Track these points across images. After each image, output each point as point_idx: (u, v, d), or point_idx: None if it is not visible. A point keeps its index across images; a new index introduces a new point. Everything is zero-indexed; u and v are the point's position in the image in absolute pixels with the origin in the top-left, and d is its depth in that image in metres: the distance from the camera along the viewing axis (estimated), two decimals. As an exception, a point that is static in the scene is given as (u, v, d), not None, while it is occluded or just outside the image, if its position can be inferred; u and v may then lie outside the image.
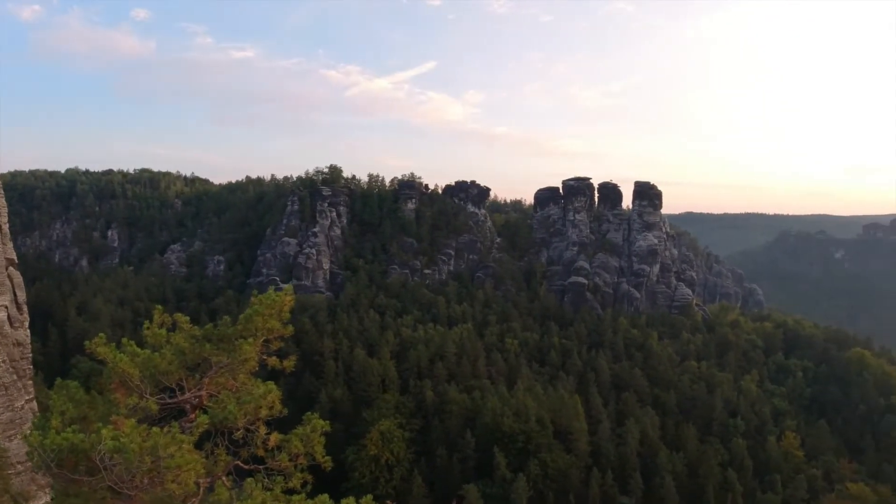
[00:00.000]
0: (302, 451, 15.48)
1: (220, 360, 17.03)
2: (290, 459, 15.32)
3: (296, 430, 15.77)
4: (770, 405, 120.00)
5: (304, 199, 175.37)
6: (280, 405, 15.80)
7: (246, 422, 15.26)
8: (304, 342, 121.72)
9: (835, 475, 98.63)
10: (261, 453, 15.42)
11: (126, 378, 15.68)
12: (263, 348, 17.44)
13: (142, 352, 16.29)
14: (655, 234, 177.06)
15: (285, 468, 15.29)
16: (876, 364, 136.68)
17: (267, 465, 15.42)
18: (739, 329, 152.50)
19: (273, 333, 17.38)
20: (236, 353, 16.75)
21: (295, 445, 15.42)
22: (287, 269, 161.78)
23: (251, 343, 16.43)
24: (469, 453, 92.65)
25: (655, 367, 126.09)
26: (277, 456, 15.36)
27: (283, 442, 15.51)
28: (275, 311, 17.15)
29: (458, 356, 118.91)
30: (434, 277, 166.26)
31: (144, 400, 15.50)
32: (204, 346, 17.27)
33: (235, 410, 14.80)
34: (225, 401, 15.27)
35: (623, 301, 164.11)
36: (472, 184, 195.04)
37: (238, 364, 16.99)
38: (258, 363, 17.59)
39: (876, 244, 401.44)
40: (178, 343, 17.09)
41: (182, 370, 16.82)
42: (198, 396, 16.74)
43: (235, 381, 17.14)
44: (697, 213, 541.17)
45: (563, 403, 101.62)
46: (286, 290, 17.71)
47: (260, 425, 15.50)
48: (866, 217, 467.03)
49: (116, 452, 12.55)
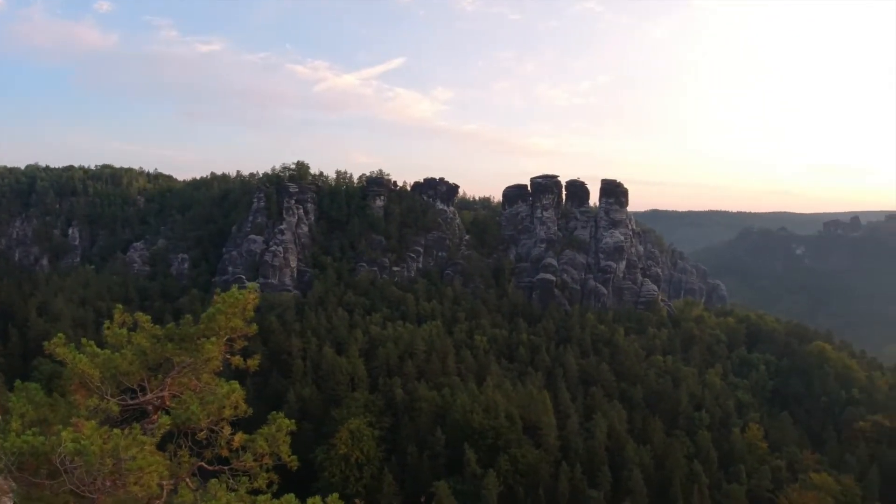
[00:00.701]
0: (267, 451, 15.33)
1: (182, 359, 16.74)
2: (256, 459, 15.17)
3: (261, 429, 15.61)
4: (734, 398, 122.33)
5: (271, 196, 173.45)
6: (245, 405, 15.58)
7: (209, 422, 15.08)
8: (271, 341, 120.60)
9: (798, 466, 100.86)
10: (225, 454, 15.27)
11: (86, 379, 15.39)
12: (227, 347, 17.14)
13: (102, 352, 15.99)
14: (622, 231, 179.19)
15: (250, 468, 15.14)
16: (836, 357, 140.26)
17: (232, 466, 15.25)
18: (703, 324, 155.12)
19: (236, 332, 17.08)
20: (199, 353, 16.47)
21: (260, 445, 15.26)
22: (253, 267, 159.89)
23: (214, 342, 16.14)
24: (439, 450, 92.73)
25: (622, 361, 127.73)
26: (242, 456, 15.20)
27: (248, 442, 15.35)
28: (238, 310, 16.86)
29: (427, 354, 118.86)
30: (403, 275, 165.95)
31: (105, 401, 15.14)
32: (166, 346, 16.98)
33: (198, 411, 14.61)
34: (188, 401, 15.03)
35: (590, 297, 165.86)
36: (441, 181, 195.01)
37: (201, 364, 16.72)
38: (222, 363, 17.32)
39: (836, 241, 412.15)
40: (139, 343, 16.79)
41: (144, 370, 16.54)
42: (160, 397, 16.44)
43: (199, 381, 16.86)
44: (663, 210, 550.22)
45: (532, 399, 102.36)
46: (250, 287, 17.44)
47: (224, 425, 15.34)
48: (826, 214, 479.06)
49: (77, 455, 12.30)
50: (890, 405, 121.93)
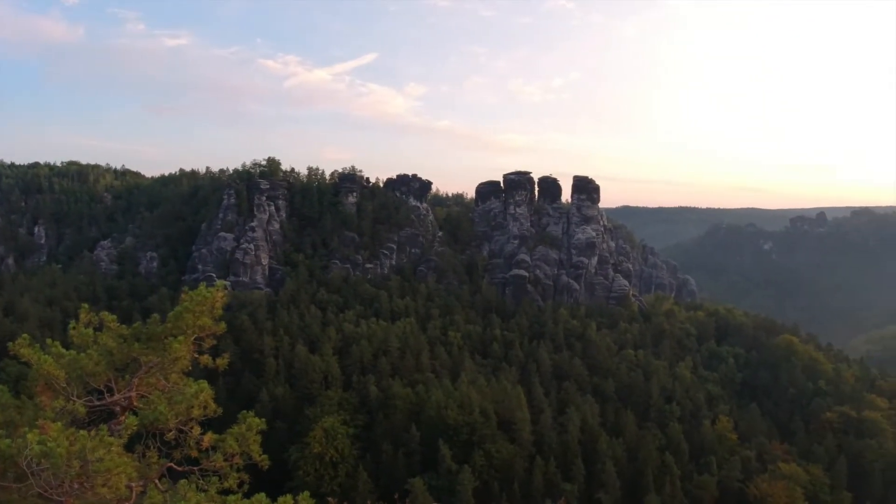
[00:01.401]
0: (238, 451, 15.14)
1: (149, 359, 16.46)
2: (226, 459, 14.96)
3: (231, 429, 15.44)
4: (704, 391, 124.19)
5: (241, 193, 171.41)
6: (214, 404, 15.38)
7: (178, 422, 14.89)
8: (242, 340, 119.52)
9: (767, 456, 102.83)
10: (195, 454, 15.09)
11: (51, 380, 15.12)
12: (196, 346, 16.92)
13: (67, 353, 15.71)
14: (593, 227, 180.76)
15: (220, 468, 14.92)
16: (803, 350, 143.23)
17: (202, 466, 15.05)
18: (674, 318, 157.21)
19: (205, 331, 16.83)
20: (166, 352, 16.23)
21: (230, 445, 15.08)
22: (224, 265, 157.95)
23: (181, 341, 15.90)
24: (414, 447, 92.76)
25: (594, 356, 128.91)
26: (212, 456, 14.98)
27: (218, 442, 15.15)
28: (206, 308, 16.60)
29: (401, 350, 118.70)
30: (376, 272, 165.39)
31: (71, 403, 14.85)
32: (132, 346, 16.70)
33: (166, 411, 14.41)
34: (155, 401, 14.83)
35: (563, 293, 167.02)
36: (414, 177, 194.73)
37: (169, 363, 16.49)
38: (191, 362, 17.11)
39: (802, 236, 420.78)
40: (105, 343, 16.49)
41: (110, 371, 16.24)
42: (127, 398, 16.16)
43: (167, 381, 16.65)
44: (634, 206, 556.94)
45: (506, 394, 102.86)
46: (218, 285, 17.19)
47: (193, 425, 15.14)
48: (793, 211, 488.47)
49: (43, 457, 12.00)
50: (856, 396, 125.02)
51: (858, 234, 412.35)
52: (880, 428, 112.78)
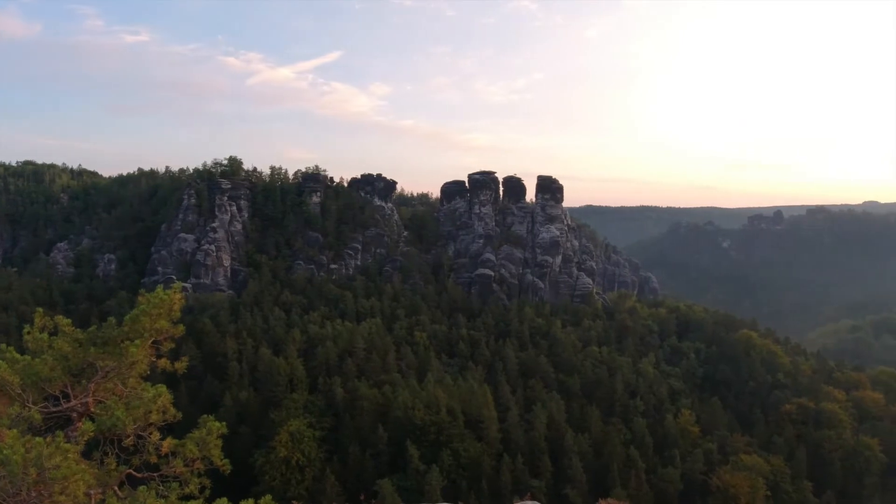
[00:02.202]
0: (198, 456, 14.91)
1: (106, 364, 16.21)
2: (186, 465, 14.74)
3: (191, 433, 15.14)
4: (666, 385, 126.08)
5: (202, 193, 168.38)
6: (173, 409, 15.15)
7: (136, 428, 14.71)
8: (205, 343, 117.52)
9: (729, 448, 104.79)
10: (154, 460, 14.90)
11: (6, 386, 14.86)
12: (154, 350, 16.56)
13: (21, 358, 15.37)
14: (557, 226, 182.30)
15: (181, 474, 14.69)
16: (762, 344, 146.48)
17: (161, 472, 14.86)
18: (636, 315, 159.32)
19: (162, 334, 16.51)
20: (123, 357, 15.87)
21: (190, 450, 14.81)
22: (185, 267, 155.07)
23: (138, 345, 15.56)
24: (382, 448, 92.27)
25: (560, 353, 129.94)
26: (172, 462, 14.76)
27: (178, 447, 14.87)
28: (163, 311, 16.28)
29: (367, 351, 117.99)
30: (341, 272, 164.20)
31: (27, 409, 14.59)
32: (88, 350, 16.39)
33: (124, 416, 14.24)
34: (113, 407, 14.63)
35: (528, 291, 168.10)
36: (379, 177, 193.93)
37: (126, 368, 16.14)
38: (149, 366, 16.77)
39: (759, 234, 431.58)
40: (60, 348, 16.14)
41: (66, 376, 15.93)
42: (84, 403, 15.87)
43: (124, 386, 16.32)
44: (596, 206, 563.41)
45: (473, 393, 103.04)
46: (175, 287, 16.84)
47: (152, 431, 14.95)
48: (751, 209, 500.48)
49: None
50: (813, 388, 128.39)
51: (814, 231, 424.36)
52: (838, 419, 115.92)
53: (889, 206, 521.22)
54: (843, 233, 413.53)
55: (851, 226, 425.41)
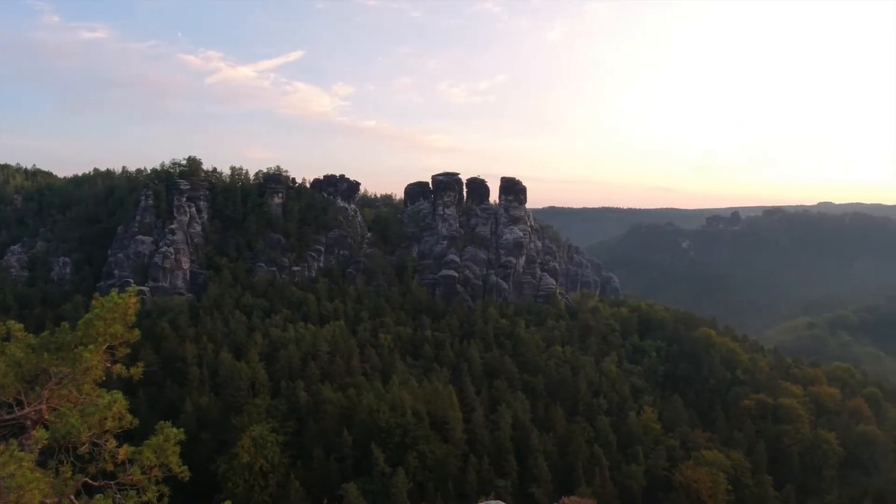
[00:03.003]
0: (155, 463, 14.54)
1: (60, 370, 15.77)
2: (144, 472, 14.37)
3: (148, 440, 14.74)
4: (629, 383, 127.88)
5: (160, 194, 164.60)
6: (130, 416, 14.73)
7: (91, 435, 14.31)
8: (163, 348, 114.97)
9: (691, 444, 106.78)
10: (110, 468, 14.53)
11: None
12: (109, 355, 16.06)
13: (-27, 365, 14.79)
14: (521, 227, 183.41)
15: (138, 482, 14.33)
16: (721, 342, 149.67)
17: (119, 481, 14.50)
18: (599, 314, 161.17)
19: (117, 339, 16.04)
20: (78, 363, 15.36)
21: (147, 457, 14.44)
22: (142, 270, 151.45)
23: (92, 350, 15.09)
24: (347, 452, 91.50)
25: (524, 353, 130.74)
26: (129, 469, 14.40)
27: (135, 454, 14.48)
28: (118, 315, 15.82)
29: (331, 354, 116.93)
30: (303, 274, 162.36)
31: (-21, 417, 14.08)
32: (42, 356, 15.92)
33: (78, 424, 13.83)
34: (67, 414, 14.21)
35: (492, 292, 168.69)
36: (342, 178, 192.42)
37: (80, 374, 15.65)
38: (104, 372, 16.27)
39: (717, 234, 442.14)
40: (13, 353, 15.72)
41: (19, 383, 15.48)
42: (38, 410, 15.41)
43: (79, 392, 15.84)
44: (559, 207, 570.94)
45: (438, 394, 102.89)
46: (129, 291, 16.35)
47: (108, 438, 14.57)
48: (709, 210, 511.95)
49: (-49, 475, 11.46)
50: (771, 384, 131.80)
51: (770, 231, 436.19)
52: (796, 413, 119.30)
53: (843, 206, 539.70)
54: (798, 233, 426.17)
55: (807, 226, 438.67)
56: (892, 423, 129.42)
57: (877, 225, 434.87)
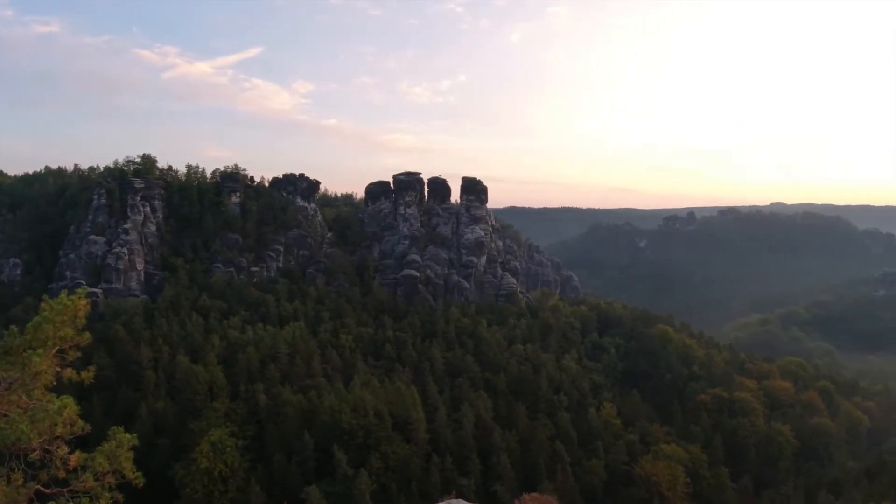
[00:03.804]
0: (109, 469, 14.13)
1: (8, 375, 15.15)
2: (97, 479, 13.96)
3: (101, 446, 14.31)
4: (589, 380, 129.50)
5: (113, 193, 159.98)
6: (81, 421, 14.32)
7: (42, 441, 13.87)
8: (118, 352, 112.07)
9: (649, 438, 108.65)
10: (62, 475, 14.04)
11: None
12: (59, 360, 15.52)
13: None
14: (482, 227, 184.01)
15: (91, 488, 13.93)
16: (678, 338, 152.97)
17: (71, 488, 14.07)
18: (559, 313, 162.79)
19: (67, 342, 15.54)
20: (26, 367, 14.82)
21: (100, 463, 14.02)
22: (95, 272, 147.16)
23: (41, 354, 14.59)
24: (308, 454, 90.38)
25: (486, 352, 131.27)
26: (82, 476, 13.95)
27: (87, 461, 14.00)
28: (68, 318, 15.34)
29: (291, 356, 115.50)
30: (262, 275, 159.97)
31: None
32: None
33: (28, 430, 13.43)
34: (17, 420, 13.74)
35: (453, 291, 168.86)
36: (301, 177, 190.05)
37: (30, 379, 15.10)
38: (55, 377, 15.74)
39: (674, 234, 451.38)
40: None
41: None
42: None
43: (29, 397, 15.27)
44: (520, 207, 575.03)
45: (401, 395, 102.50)
46: (79, 292, 15.86)
47: (59, 445, 14.10)
48: (666, 210, 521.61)
49: None
50: (727, 379, 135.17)
51: (725, 231, 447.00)
52: (751, 407, 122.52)
53: (795, 206, 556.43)
54: (751, 232, 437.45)
55: (760, 226, 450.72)
56: (844, 416, 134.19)
57: (827, 224, 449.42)
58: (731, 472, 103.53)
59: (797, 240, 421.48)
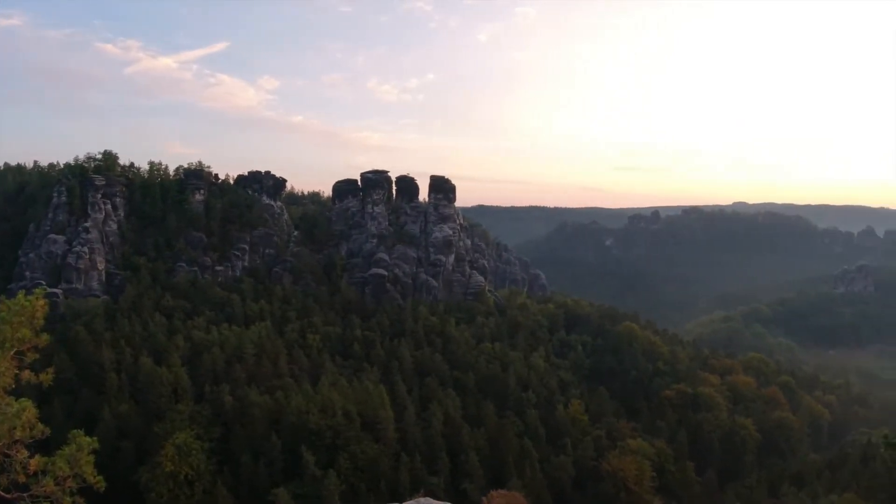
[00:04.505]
0: (69, 473, 13.80)
1: None
2: (57, 483, 13.59)
3: (61, 450, 13.93)
4: (556, 377, 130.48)
5: (74, 190, 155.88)
6: (41, 425, 13.97)
7: (1, 445, 13.56)
8: (79, 353, 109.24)
9: (616, 434, 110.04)
10: (22, 479, 13.72)
11: None
12: (17, 361, 15.02)
13: None
14: (450, 225, 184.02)
15: (52, 493, 13.58)
16: (643, 335, 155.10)
17: (31, 492, 13.72)
18: (527, 311, 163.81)
19: (25, 344, 15.08)
20: None
21: (60, 468, 13.69)
22: (55, 271, 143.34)
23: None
24: (275, 456, 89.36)
25: (454, 350, 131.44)
26: (42, 480, 13.58)
27: (48, 465, 13.60)
28: (25, 318, 14.87)
29: (257, 356, 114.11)
30: (227, 274, 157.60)
31: None
32: None
33: None
34: None
35: (422, 290, 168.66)
36: (268, 174, 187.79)
37: None
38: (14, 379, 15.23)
39: (639, 233, 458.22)
40: None
41: None
42: None
43: None
44: (488, 206, 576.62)
45: (369, 394, 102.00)
46: (37, 293, 15.37)
47: (19, 448, 13.74)
48: (631, 209, 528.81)
49: None
50: (691, 375, 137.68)
51: (689, 230, 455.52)
52: (714, 402, 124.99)
53: (756, 206, 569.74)
54: (715, 231, 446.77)
55: (722, 225, 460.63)
56: (806, 410, 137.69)
57: (788, 223, 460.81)
58: (696, 465, 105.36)
59: (759, 239, 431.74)
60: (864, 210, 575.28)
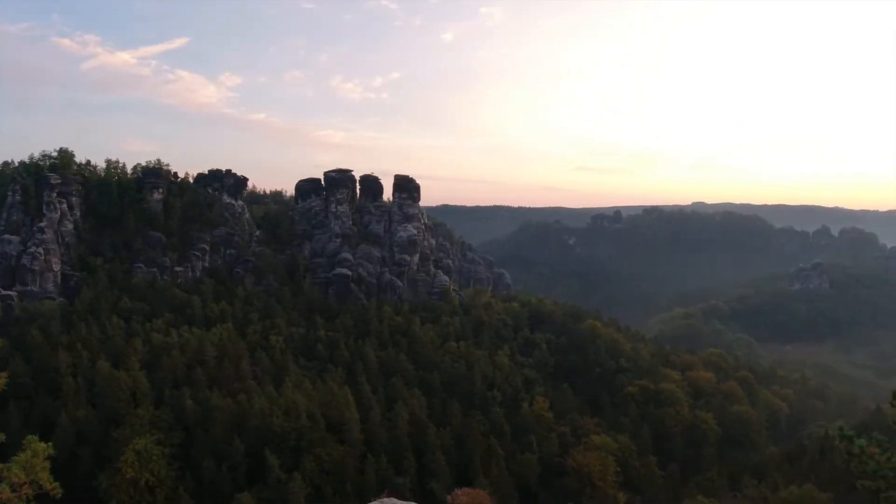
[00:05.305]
0: (25, 480, 13.35)
1: None
2: (13, 490, 13.18)
3: (16, 456, 13.46)
4: (521, 375, 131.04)
5: (28, 189, 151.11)
6: None
7: None
8: (34, 358, 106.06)
9: (581, 430, 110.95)
10: None
11: None
12: None
13: None
14: (415, 225, 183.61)
15: (8, 500, 13.20)
16: (606, 333, 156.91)
17: None
18: (491, 310, 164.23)
19: None
20: None
21: (16, 474, 13.27)
22: (9, 273, 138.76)
23: None
24: (239, 460, 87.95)
25: (419, 350, 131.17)
26: None
27: (3, 471, 13.14)
28: None
29: (218, 359, 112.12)
30: (187, 275, 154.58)
31: None
32: None
33: None
34: None
35: (386, 290, 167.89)
36: (228, 173, 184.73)
37: None
38: None
39: (602, 232, 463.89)
40: None
41: None
42: None
43: None
44: (452, 205, 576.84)
45: (334, 396, 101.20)
46: None
47: None
48: (594, 209, 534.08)
49: None
50: (653, 371, 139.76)
51: (649, 229, 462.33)
52: (676, 397, 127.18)
53: (714, 206, 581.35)
54: (675, 231, 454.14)
55: (682, 224, 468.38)
56: (764, 404, 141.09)
57: (745, 223, 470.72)
58: (659, 460, 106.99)
59: (717, 238, 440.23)
60: (819, 210, 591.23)
